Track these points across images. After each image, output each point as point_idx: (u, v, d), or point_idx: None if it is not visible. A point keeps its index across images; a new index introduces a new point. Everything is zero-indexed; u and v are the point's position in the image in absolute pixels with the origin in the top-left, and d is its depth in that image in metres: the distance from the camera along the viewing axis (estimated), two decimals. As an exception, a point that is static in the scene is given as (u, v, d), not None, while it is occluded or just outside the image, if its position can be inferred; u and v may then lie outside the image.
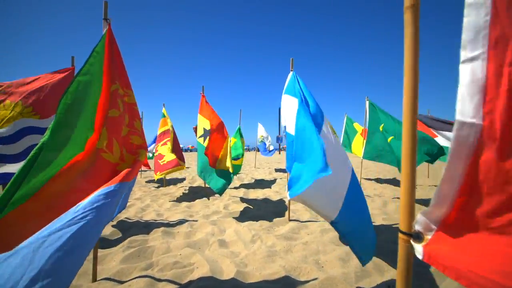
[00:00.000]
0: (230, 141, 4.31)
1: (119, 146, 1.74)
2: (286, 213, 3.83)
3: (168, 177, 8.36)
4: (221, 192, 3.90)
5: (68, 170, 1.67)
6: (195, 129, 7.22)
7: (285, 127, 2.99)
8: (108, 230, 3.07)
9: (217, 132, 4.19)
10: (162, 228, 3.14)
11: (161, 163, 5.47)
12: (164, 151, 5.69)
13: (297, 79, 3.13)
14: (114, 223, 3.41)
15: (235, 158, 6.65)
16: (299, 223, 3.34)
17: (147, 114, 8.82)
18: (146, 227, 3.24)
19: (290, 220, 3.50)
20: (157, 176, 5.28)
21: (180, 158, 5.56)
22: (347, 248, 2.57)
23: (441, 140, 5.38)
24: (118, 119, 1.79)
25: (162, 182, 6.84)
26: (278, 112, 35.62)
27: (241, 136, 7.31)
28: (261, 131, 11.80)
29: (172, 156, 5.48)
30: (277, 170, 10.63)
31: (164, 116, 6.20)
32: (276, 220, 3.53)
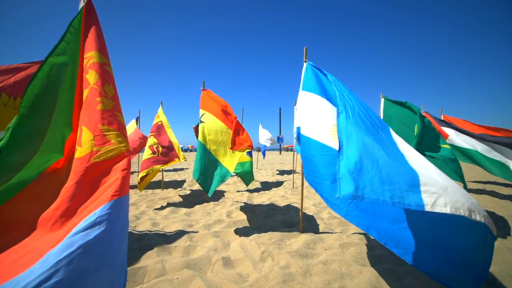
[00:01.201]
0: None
1: (90, 131, 1.23)
2: (297, 222, 3.43)
3: (166, 179, 7.96)
4: (210, 191, 3.35)
5: (42, 183, 1.25)
6: (195, 129, 6.80)
7: (299, 128, 2.59)
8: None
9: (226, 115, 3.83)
10: (157, 242, 2.73)
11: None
12: (146, 149, 5.08)
13: (317, 71, 2.71)
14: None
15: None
16: (313, 236, 2.93)
17: (144, 113, 8.43)
18: (138, 240, 2.83)
19: (303, 232, 3.09)
20: (139, 183, 4.60)
21: (167, 155, 4.90)
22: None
23: (452, 140, 5.02)
24: (89, 96, 1.33)
25: (160, 185, 6.44)
26: (279, 111, 35.22)
27: None
28: (262, 131, 11.39)
29: (149, 154, 4.81)
30: (279, 172, 10.23)
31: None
32: (286, 231, 3.12)
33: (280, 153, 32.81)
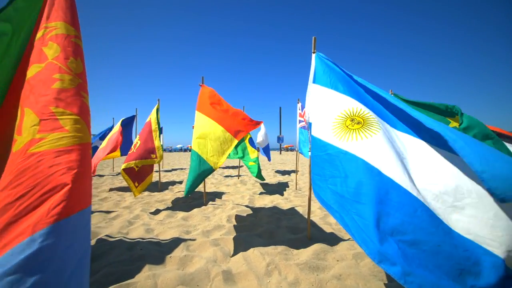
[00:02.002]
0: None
1: (35, 113, 0.91)
2: (304, 228, 3.16)
3: (164, 180, 7.69)
4: (187, 193, 2.85)
5: None
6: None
7: (310, 124, 2.32)
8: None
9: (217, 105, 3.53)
10: (150, 251, 2.46)
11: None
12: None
13: (328, 62, 2.45)
14: (92, 242, 2.73)
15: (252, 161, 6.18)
16: (322, 244, 2.66)
17: (145, 112, 8.16)
18: (130, 249, 2.55)
19: (310, 239, 2.82)
20: (135, 188, 4.40)
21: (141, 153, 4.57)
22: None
23: None
24: (43, 72, 1.03)
25: (157, 186, 6.16)
26: (279, 111, 34.96)
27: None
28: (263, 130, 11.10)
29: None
30: (280, 172, 9.97)
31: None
32: (292, 238, 2.85)
33: (280, 153, 32.57)
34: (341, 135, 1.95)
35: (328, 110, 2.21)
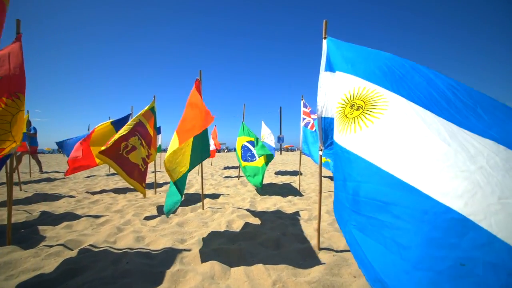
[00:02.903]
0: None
1: None
2: (312, 236, 2.84)
3: (161, 181, 7.37)
4: (168, 213, 2.52)
5: None
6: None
7: (326, 118, 2.01)
8: (53, 269, 2.06)
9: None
10: (137, 265, 2.13)
11: None
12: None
13: (340, 44, 2.14)
14: (74, 254, 2.40)
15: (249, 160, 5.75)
16: (334, 256, 2.34)
17: (139, 110, 7.83)
18: (114, 263, 2.23)
19: (320, 249, 2.50)
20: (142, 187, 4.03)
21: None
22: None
23: None
24: None
25: (152, 188, 5.83)
26: (279, 111, 34.65)
27: (245, 132, 6.30)
28: (264, 129, 10.80)
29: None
30: (282, 173, 9.65)
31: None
32: (300, 248, 2.52)
33: (281, 153, 32.28)
34: (340, 128, 1.60)
35: (332, 99, 1.89)
